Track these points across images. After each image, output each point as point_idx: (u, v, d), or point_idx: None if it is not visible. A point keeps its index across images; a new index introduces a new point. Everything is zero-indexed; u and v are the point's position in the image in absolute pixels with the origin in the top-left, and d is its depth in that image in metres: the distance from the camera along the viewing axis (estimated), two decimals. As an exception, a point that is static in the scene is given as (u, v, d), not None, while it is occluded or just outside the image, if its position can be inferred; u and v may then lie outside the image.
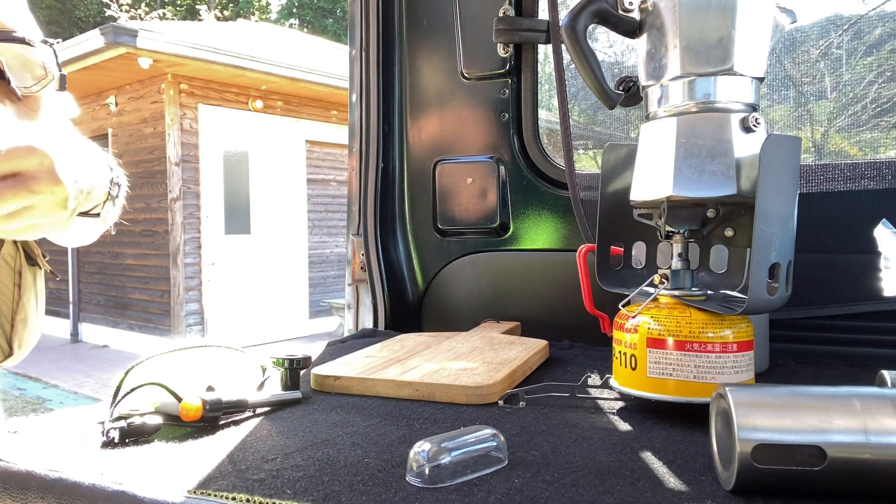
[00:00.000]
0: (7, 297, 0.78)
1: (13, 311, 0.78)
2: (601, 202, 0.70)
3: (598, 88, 0.64)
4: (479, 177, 1.07)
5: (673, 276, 0.61)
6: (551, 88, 1.11)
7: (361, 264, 1.13)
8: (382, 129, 1.12)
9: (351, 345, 0.92)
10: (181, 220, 6.72)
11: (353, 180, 1.14)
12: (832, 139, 1.05)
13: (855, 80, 0.99)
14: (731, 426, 0.39)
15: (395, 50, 1.13)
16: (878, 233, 0.70)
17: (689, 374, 0.55)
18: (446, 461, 0.43)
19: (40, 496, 0.43)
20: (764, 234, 0.54)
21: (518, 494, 0.40)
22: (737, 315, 0.56)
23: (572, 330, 0.93)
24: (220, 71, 6.65)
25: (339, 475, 0.44)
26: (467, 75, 1.07)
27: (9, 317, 0.78)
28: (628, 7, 0.62)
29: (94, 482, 0.42)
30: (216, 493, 0.40)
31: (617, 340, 0.61)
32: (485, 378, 0.65)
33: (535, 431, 0.54)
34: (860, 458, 0.37)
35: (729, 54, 0.57)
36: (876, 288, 0.82)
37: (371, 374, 0.67)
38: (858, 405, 0.39)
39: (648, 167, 0.61)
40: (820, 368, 0.78)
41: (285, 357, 0.67)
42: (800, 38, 1.00)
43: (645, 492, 0.41)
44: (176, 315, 6.90)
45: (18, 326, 0.79)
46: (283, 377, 0.67)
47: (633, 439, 0.52)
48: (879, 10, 0.97)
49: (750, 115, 0.58)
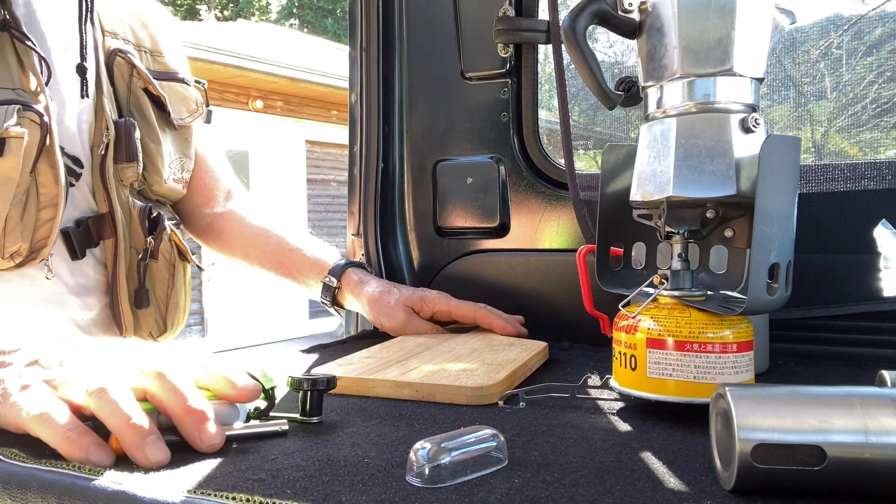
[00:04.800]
0: (164, 285, 0.95)
1: (168, 296, 0.95)
2: (601, 202, 0.70)
3: (597, 89, 0.64)
4: (479, 177, 1.07)
5: (673, 277, 0.61)
6: (551, 88, 1.11)
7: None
8: (382, 129, 1.12)
9: (350, 345, 0.92)
10: (181, 220, 6.72)
11: (353, 180, 1.14)
12: (832, 139, 1.05)
13: (855, 80, 0.99)
14: (730, 426, 0.39)
15: (395, 50, 1.13)
16: (878, 233, 0.70)
17: (689, 374, 0.55)
18: (446, 461, 0.43)
19: (40, 496, 0.43)
20: (764, 235, 0.54)
21: (518, 494, 0.41)
22: (737, 315, 0.56)
23: (572, 330, 0.93)
24: (220, 71, 6.66)
25: (339, 475, 0.44)
26: (467, 75, 1.07)
27: (164, 301, 0.95)
28: (628, 7, 0.62)
29: (94, 482, 0.42)
30: (216, 493, 0.40)
31: (617, 341, 0.61)
32: (485, 379, 0.65)
33: (535, 432, 0.54)
34: (860, 458, 0.37)
35: (729, 55, 0.57)
36: (876, 288, 0.82)
37: (371, 375, 0.67)
38: (858, 405, 0.39)
39: (648, 167, 0.62)
40: (820, 368, 0.78)
41: (304, 377, 0.56)
42: (800, 38, 1.00)
43: (645, 492, 0.41)
44: (176, 315, 6.88)
45: (171, 309, 0.96)
46: (302, 401, 0.56)
47: (633, 439, 0.52)
48: (879, 11, 0.97)
49: (750, 115, 0.58)
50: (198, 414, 0.47)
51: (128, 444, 0.45)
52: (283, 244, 1.06)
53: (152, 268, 0.92)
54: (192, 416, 0.47)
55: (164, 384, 0.48)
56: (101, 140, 0.85)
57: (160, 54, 0.97)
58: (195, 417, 0.47)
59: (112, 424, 0.46)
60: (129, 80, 0.90)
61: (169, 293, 0.95)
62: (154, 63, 0.96)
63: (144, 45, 0.95)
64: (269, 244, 1.06)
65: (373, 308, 0.94)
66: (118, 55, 0.89)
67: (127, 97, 0.90)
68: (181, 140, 0.98)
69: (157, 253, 0.92)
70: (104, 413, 0.46)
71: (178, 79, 0.98)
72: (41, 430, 0.46)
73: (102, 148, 0.85)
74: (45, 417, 0.46)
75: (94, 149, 0.85)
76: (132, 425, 0.45)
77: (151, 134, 0.91)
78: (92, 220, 0.85)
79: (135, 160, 0.87)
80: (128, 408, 0.46)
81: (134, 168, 0.87)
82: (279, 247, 1.06)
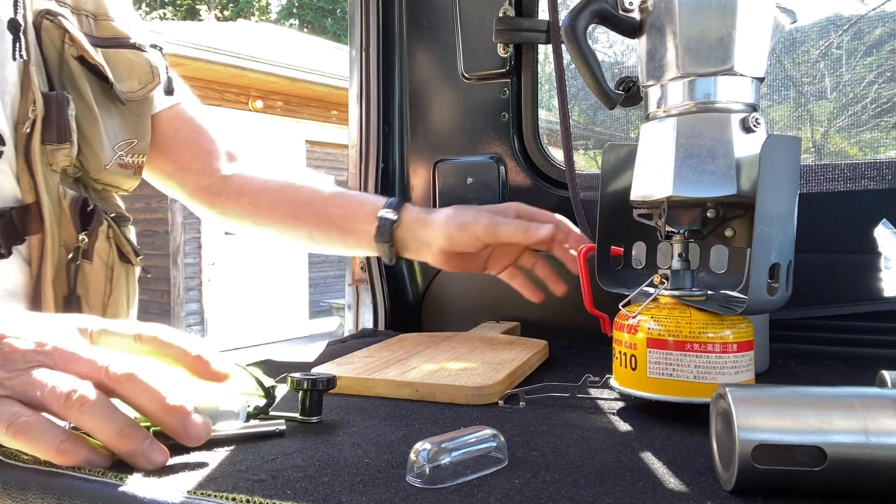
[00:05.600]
0: (99, 291, 0.80)
1: (104, 304, 0.80)
2: (601, 202, 0.70)
3: (598, 88, 0.64)
4: (479, 177, 1.07)
5: (673, 276, 0.61)
6: (551, 88, 1.11)
7: (361, 264, 1.13)
8: (382, 129, 1.12)
9: (351, 345, 0.92)
10: (181, 220, 6.72)
11: (353, 180, 1.14)
12: (832, 139, 1.05)
13: (855, 80, 0.99)
14: (731, 426, 0.39)
15: (395, 50, 1.13)
16: (878, 233, 0.70)
17: (689, 374, 0.55)
18: (446, 461, 0.43)
19: (40, 496, 0.43)
20: (764, 235, 0.54)
21: (518, 495, 0.40)
22: (737, 315, 0.56)
23: (572, 330, 0.93)
24: (220, 71, 6.66)
25: (339, 475, 0.44)
26: (467, 75, 1.07)
27: (100, 311, 0.80)
28: (628, 7, 0.62)
29: (94, 482, 0.42)
30: (216, 494, 0.40)
31: (617, 340, 0.61)
32: (485, 378, 0.65)
33: (535, 432, 0.54)
34: (860, 458, 0.37)
35: (729, 54, 0.57)
36: (876, 288, 0.82)
37: (371, 375, 0.67)
38: (859, 405, 0.39)
39: (648, 167, 0.61)
40: (820, 368, 0.78)
41: (304, 377, 0.56)
42: (800, 38, 1.00)
43: (645, 492, 0.41)
44: (176, 315, 6.90)
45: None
46: (302, 401, 0.57)
47: (633, 439, 0.52)
48: (879, 11, 0.97)
49: (750, 115, 0.58)
50: (177, 410, 0.46)
51: (124, 454, 0.44)
52: (318, 193, 0.92)
53: (86, 271, 0.77)
54: (173, 413, 0.46)
55: (136, 386, 0.46)
56: (28, 116, 0.72)
57: (105, 17, 0.83)
58: (176, 415, 0.46)
59: (103, 439, 0.44)
60: (60, 48, 0.76)
61: (106, 301, 0.81)
62: (97, 28, 0.81)
63: (85, 8, 0.81)
64: (300, 195, 0.92)
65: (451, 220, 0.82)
66: (46, 17, 0.75)
67: (59, 67, 0.76)
68: (132, 117, 0.84)
69: (92, 253, 0.78)
70: (91, 427, 0.44)
71: (128, 44, 0.83)
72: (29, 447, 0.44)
73: (28, 125, 0.72)
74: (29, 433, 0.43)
75: (19, 126, 0.72)
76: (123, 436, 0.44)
77: (86, 111, 0.77)
78: (16, 210, 0.72)
79: (67, 141, 0.74)
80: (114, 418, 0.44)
81: (66, 151, 0.74)
82: (314, 196, 0.92)
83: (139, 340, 0.51)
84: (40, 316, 0.53)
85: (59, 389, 0.44)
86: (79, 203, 0.76)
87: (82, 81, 0.77)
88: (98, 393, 0.45)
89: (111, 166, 0.80)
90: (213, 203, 0.96)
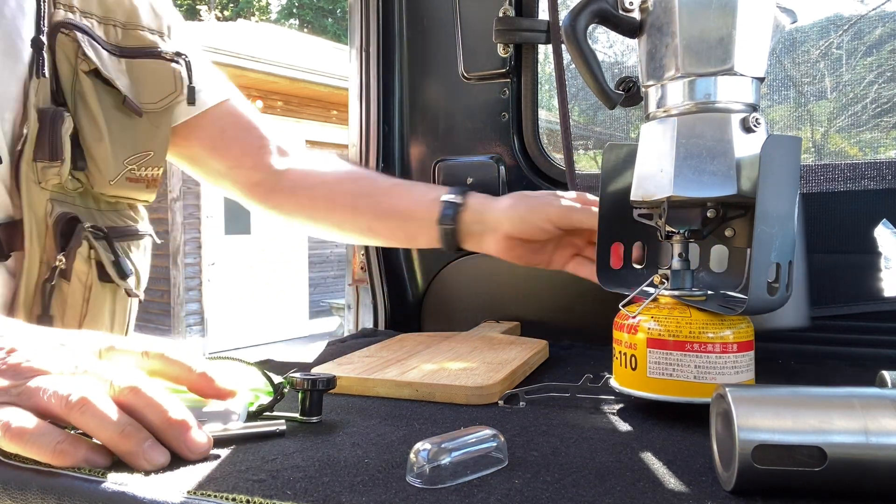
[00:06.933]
0: (76, 312, 0.77)
1: (79, 325, 0.77)
2: (601, 202, 0.70)
3: (598, 88, 0.64)
4: (479, 177, 1.07)
5: (673, 276, 0.61)
6: (551, 88, 1.11)
7: (361, 264, 1.13)
8: (382, 129, 1.12)
9: (351, 345, 0.92)
10: (181, 220, 6.72)
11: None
12: (832, 139, 1.05)
13: (855, 80, 0.99)
14: (731, 427, 0.39)
15: (395, 50, 1.13)
16: (878, 233, 0.70)
17: (689, 374, 0.55)
18: (446, 462, 0.43)
19: (40, 496, 0.43)
20: (764, 235, 0.54)
21: (518, 495, 0.40)
22: (737, 315, 0.56)
23: (572, 330, 0.93)
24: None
25: (339, 476, 0.44)
26: (467, 75, 1.07)
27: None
28: (628, 7, 0.62)
29: (94, 482, 0.42)
30: (216, 494, 0.40)
31: (617, 340, 0.61)
32: (485, 378, 0.65)
33: (535, 432, 0.54)
34: (860, 458, 0.37)
35: (729, 54, 0.57)
36: (876, 288, 0.82)
37: (371, 375, 0.67)
38: (859, 406, 0.39)
39: (648, 167, 0.61)
40: (820, 368, 0.78)
41: (304, 377, 0.56)
42: (800, 38, 1.00)
43: (645, 492, 0.41)
44: (176, 315, 6.90)
45: None
46: (302, 401, 0.57)
47: (633, 439, 0.52)
48: (879, 11, 0.97)
49: (750, 115, 0.58)
50: (180, 425, 0.46)
51: (124, 455, 0.44)
52: (378, 183, 0.91)
53: (63, 291, 0.74)
54: (175, 427, 0.46)
55: (140, 399, 0.46)
56: (22, 132, 0.71)
57: (136, 26, 0.81)
58: (178, 429, 0.46)
59: (104, 439, 0.44)
60: (74, 62, 0.74)
61: (81, 322, 0.77)
62: (124, 37, 0.80)
63: (115, 18, 0.79)
64: (358, 187, 0.90)
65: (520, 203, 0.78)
66: (62, 31, 0.73)
67: (72, 82, 0.74)
68: (149, 129, 0.82)
69: (70, 273, 0.75)
70: (92, 427, 0.44)
71: (153, 54, 0.81)
72: (26, 450, 0.44)
73: (21, 142, 0.71)
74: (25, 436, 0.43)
75: (16, 141, 0.71)
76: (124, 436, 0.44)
77: (92, 126, 0.75)
78: (4, 227, 0.71)
79: (58, 159, 0.72)
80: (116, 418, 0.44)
81: (56, 169, 0.72)
82: (373, 186, 0.90)
83: (146, 357, 0.52)
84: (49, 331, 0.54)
85: (60, 392, 0.45)
86: (62, 222, 0.74)
87: (92, 96, 0.75)
88: (99, 394, 0.45)
89: (117, 181, 0.79)
90: (266, 199, 0.94)
